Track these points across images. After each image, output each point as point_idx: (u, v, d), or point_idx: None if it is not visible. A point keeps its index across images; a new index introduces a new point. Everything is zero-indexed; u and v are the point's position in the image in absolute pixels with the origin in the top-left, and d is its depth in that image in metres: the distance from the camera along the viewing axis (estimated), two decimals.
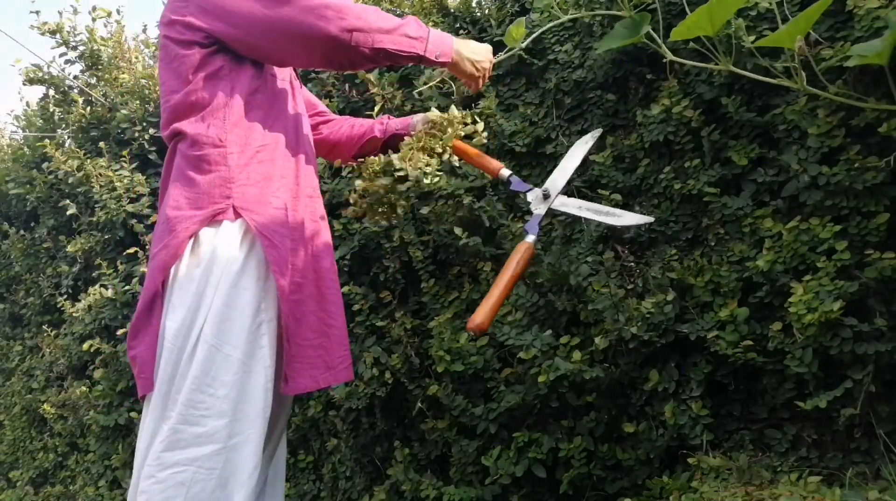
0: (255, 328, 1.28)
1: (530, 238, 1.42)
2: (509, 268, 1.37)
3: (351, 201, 1.57)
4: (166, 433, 1.20)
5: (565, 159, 1.56)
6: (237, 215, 1.31)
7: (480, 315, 1.32)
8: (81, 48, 2.92)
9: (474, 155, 1.59)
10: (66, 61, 2.96)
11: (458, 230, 1.79)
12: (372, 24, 1.31)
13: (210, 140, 1.34)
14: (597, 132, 1.59)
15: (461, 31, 2.00)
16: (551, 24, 1.76)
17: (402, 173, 1.48)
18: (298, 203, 1.41)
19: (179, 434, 1.20)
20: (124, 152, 2.68)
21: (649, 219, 1.44)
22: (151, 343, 1.25)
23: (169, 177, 1.40)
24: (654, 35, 1.52)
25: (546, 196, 1.47)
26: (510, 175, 1.54)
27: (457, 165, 1.87)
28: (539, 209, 1.48)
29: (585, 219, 1.55)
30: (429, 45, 1.37)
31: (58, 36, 2.88)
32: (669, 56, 1.52)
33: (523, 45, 1.70)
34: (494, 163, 1.57)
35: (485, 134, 1.62)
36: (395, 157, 1.50)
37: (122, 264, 2.58)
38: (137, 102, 2.78)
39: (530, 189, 1.51)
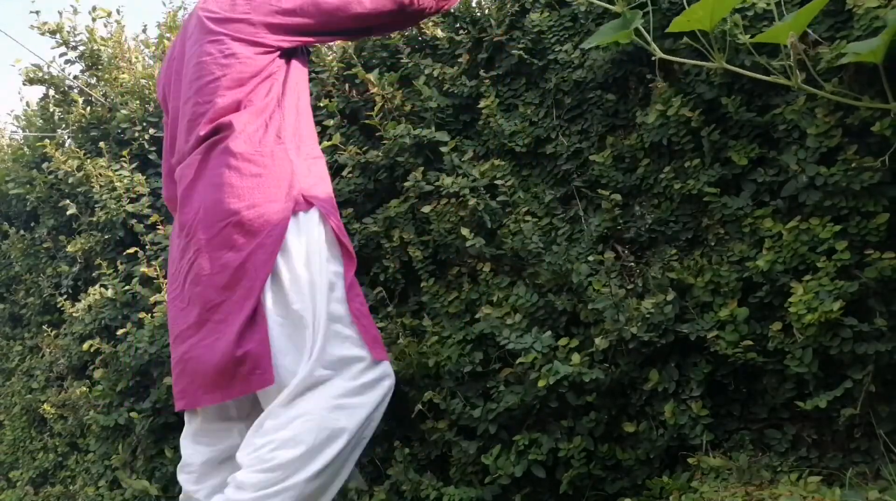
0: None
1: None
2: None
3: None
4: (344, 387, 1.31)
5: None
6: (308, 204, 1.38)
7: None
8: (81, 48, 2.92)
9: None
10: (66, 61, 2.96)
11: (465, 231, 1.79)
12: None
13: (270, 138, 1.39)
14: (362, 485, 1.67)
15: (461, 31, 2.00)
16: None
17: None
18: None
19: (361, 380, 1.33)
20: (124, 152, 2.68)
21: None
22: (264, 338, 1.28)
23: (202, 174, 1.39)
24: (644, 32, 1.52)
25: None
26: None
27: (457, 164, 1.87)
28: None
29: None
30: None
31: (58, 36, 2.87)
32: (659, 54, 1.52)
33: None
34: None
35: None
36: None
37: (122, 264, 2.58)
38: (137, 102, 2.78)
39: None
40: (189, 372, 1.35)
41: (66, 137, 3.09)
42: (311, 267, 1.34)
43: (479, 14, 2.01)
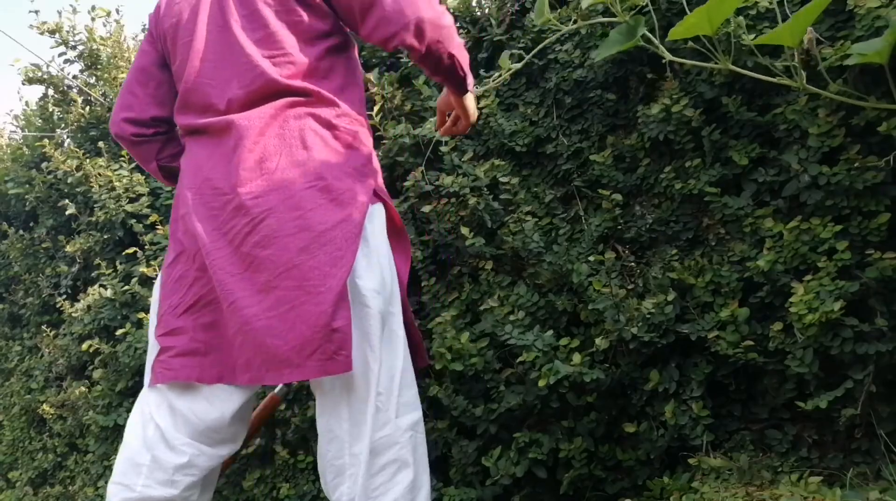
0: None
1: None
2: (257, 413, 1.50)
3: None
4: (395, 400, 1.23)
5: None
6: (377, 197, 1.32)
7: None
8: (80, 48, 2.91)
9: None
10: (66, 61, 2.96)
11: (465, 231, 1.79)
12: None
13: (358, 118, 1.32)
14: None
15: (461, 31, 2.00)
16: (550, 41, 1.76)
17: None
18: None
19: (404, 399, 1.25)
20: (123, 152, 2.67)
21: None
22: (349, 318, 1.18)
23: (276, 131, 1.26)
24: (651, 37, 1.52)
25: None
26: None
27: (457, 163, 1.87)
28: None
29: None
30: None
31: (57, 35, 2.87)
32: (668, 56, 1.52)
33: (520, 66, 1.73)
34: None
35: None
36: None
37: (121, 264, 2.58)
38: None
39: None
40: (252, 345, 1.18)
41: (65, 136, 3.08)
42: (385, 258, 1.28)
43: (478, 13, 2.01)
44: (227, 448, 1.29)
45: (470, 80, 1.39)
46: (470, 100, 1.43)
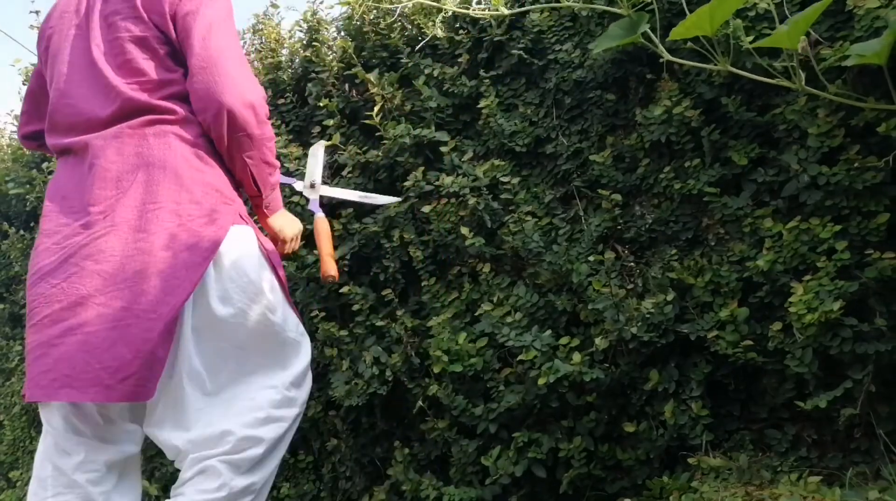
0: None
1: (321, 214, 1.78)
2: (324, 235, 1.74)
3: None
4: (278, 396, 1.32)
5: (311, 158, 1.86)
6: (244, 221, 1.33)
7: (332, 269, 1.67)
8: None
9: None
10: None
11: (465, 230, 1.79)
12: None
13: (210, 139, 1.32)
14: (323, 142, 1.91)
15: (461, 31, 2.00)
16: (548, 6, 1.77)
17: None
18: None
19: (290, 394, 1.35)
20: None
21: (397, 199, 1.89)
22: (170, 346, 1.19)
23: (133, 150, 1.26)
24: (652, 35, 1.52)
25: (312, 185, 1.82)
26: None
27: (457, 163, 1.87)
28: (313, 195, 1.83)
29: (353, 201, 1.93)
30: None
31: None
32: (667, 56, 1.52)
33: (507, 12, 1.83)
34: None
35: None
36: None
37: None
38: None
39: (295, 181, 1.86)
40: (65, 358, 1.15)
41: None
42: (253, 275, 1.29)
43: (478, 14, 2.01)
44: (126, 446, 1.32)
45: (268, 194, 1.43)
46: (279, 220, 1.50)
